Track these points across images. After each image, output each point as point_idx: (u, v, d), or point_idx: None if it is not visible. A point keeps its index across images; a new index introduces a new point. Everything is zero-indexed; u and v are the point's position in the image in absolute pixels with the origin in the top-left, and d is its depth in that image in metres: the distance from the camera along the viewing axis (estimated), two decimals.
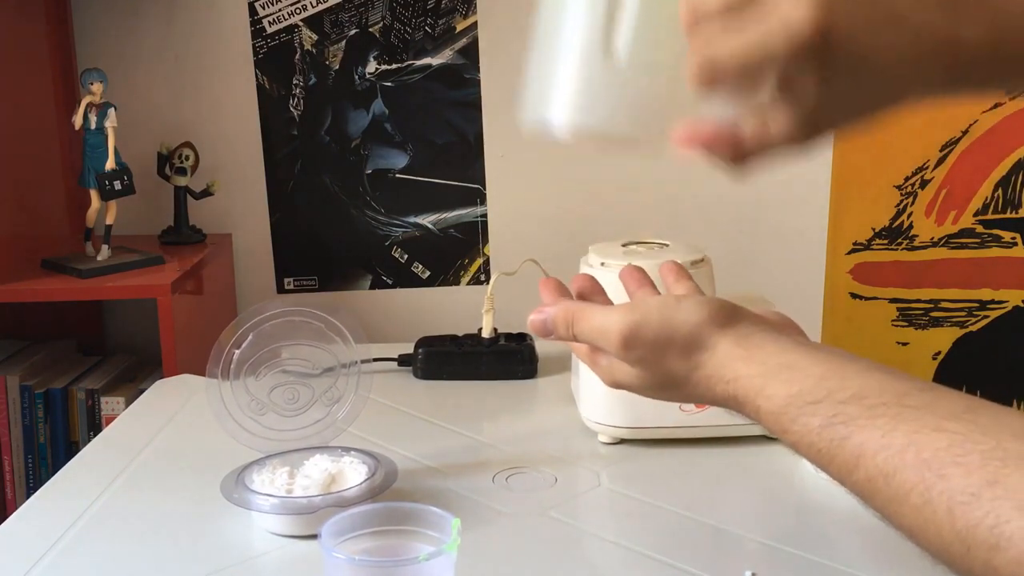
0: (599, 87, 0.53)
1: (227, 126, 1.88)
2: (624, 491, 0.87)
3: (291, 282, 1.95)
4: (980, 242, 1.94)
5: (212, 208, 1.86)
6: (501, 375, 1.14)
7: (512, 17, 1.86)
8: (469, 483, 0.88)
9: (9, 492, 1.63)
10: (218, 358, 0.81)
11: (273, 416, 0.83)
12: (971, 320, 1.98)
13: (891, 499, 0.46)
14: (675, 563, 0.74)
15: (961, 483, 0.43)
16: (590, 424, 0.96)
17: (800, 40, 0.45)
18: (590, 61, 0.53)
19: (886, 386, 0.49)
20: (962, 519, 0.42)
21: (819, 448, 0.50)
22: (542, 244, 1.75)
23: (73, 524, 0.81)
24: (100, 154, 1.55)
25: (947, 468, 0.44)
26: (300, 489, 0.78)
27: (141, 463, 0.94)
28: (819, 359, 0.53)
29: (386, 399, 1.08)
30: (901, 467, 0.45)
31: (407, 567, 0.61)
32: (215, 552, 0.76)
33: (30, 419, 1.62)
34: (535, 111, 0.56)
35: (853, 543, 0.77)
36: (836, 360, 0.53)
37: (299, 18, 1.85)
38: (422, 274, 1.95)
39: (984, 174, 1.92)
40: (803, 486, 0.88)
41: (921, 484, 0.44)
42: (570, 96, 0.54)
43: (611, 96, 0.53)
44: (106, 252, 1.59)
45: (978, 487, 0.42)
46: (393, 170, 1.91)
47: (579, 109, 0.54)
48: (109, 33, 1.84)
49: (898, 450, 0.46)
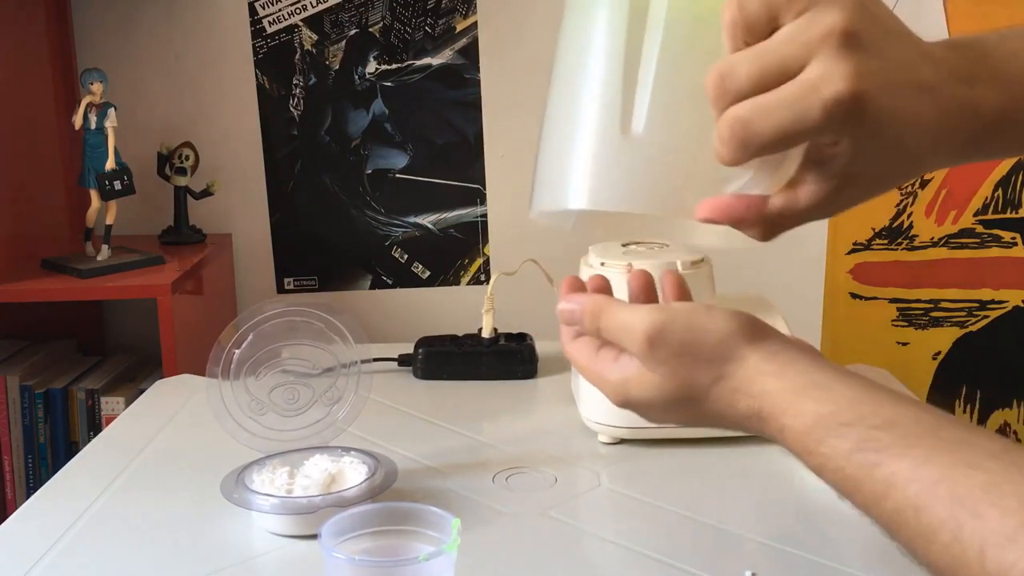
0: (618, 166, 0.51)
1: (227, 126, 1.88)
2: (624, 491, 0.87)
3: (291, 282, 1.95)
4: (980, 242, 1.94)
5: (212, 208, 1.86)
6: (501, 375, 1.14)
7: (512, 17, 1.86)
8: (469, 483, 0.88)
9: (9, 492, 1.63)
10: (218, 358, 0.81)
11: (273, 416, 0.83)
12: (971, 320, 1.98)
13: (919, 534, 0.45)
14: (675, 563, 0.74)
15: (997, 525, 0.41)
16: (590, 424, 0.96)
17: (837, 108, 0.44)
18: (607, 140, 0.51)
19: (921, 417, 0.48)
20: (994, 562, 0.41)
21: (847, 473, 0.49)
22: (542, 244, 1.74)
23: (73, 524, 0.81)
24: (100, 154, 1.55)
25: (982, 507, 0.42)
26: (300, 489, 0.78)
27: (141, 463, 0.94)
28: (851, 383, 0.51)
29: (386, 399, 1.08)
30: (933, 502, 0.44)
31: (407, 567, 0.61)
32: (215, 552, 0.76)
33: (30, 419, 1.62)
34: (549, 197, 0.54)
35: (853, 543, 0.77)
36: (868, 385, 0.51)
37: (299, 18, 1.85)
38: (422, 274, 1.95)
39: (984, 174, 1.92)
40: (803, 486, 0.88)
41: (952, 521, 0.43)
42: (587, 178, 0.52)
43: (631, 174, 0.51)
44: (106, 252, 1.59)
45: (1014, 531, 0.41)
46: (393, 170, 1.91)
47: (597, 190, 0.52)
48: (109, 33, 1.84)
49: (931, 483, 0.44)
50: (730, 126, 0.46)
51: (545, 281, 1.15)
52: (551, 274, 1.15)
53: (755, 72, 0.46)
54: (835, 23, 0.44)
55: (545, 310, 1.25)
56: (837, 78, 0.44)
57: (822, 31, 0.45)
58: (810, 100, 0.44)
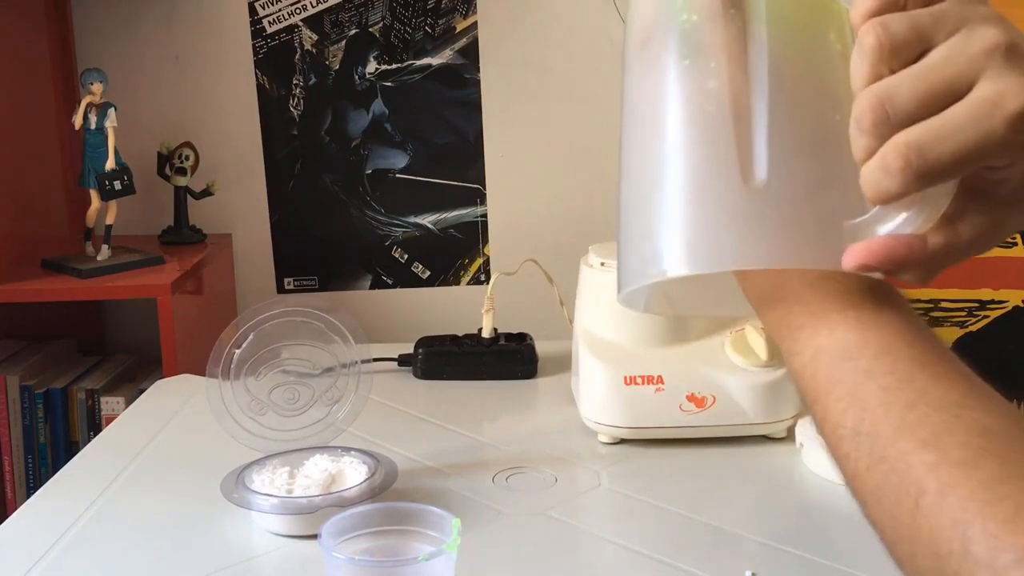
0: (744, 220, 0.45)
1: (227, 126, 1.88)
2: (624, 491, 0.87)
3: (291, 282, 1.95)
4: None
5: (212, 208, 1.86)
6: (501, 375, 1.14)
7: (512, 17, 1.86)
8: (469, 483, 0.88)
9: (9, 492, 1.63)
10: (218, 358, 0.81)
11: (273, 416, 0.83)
12: (971, 320, 1.98)
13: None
14: (675, 563, 0.74)
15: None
16: (590, 424, 0.96)
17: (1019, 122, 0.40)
18: (727, 195, 0.45)
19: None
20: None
21: None
22: (542, 244, 1.74)
23: (73, 524, 0.81)
24: (100, 154, 1.55)
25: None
26: (300, 489, 0.78)
27: (141, 463, 0.94)
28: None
29: (386, 399, 1.08)
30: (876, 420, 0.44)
31: (407, 567, 0.61)
32: (215, 552, 0.76)
33: (30, 419, 1.62)
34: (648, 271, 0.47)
35: (853, 543, 0.77)
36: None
37: (299, 18, 1.85)
38: (422, 274, 1.95)
39: None
40: (803, 486, 0.88)
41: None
42: (705, 241, 0.46)
43: (760, 228, 0.45)
44: (106, 252, 1.59)
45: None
46: (393, 170, 1.91)
47: (725, 250, 0.45)
48: (109, 33, 1.84)
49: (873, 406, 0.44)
50: (903, 154, 0.41)
51: (545, 281, 1.15)
52: (551, 274, 1.15)
53: (921, 94, 0.41)
54: (997, 38, 0.41)
55: (545, 310, 1.26)
56: (1017, 91, 0.41)
57: (984, 47, 0.41)
58: (993, 117, 0.41)
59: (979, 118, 0.41)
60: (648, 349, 0.95)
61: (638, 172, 0.49)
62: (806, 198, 0.45)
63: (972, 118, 0.41)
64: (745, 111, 0.46)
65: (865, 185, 0.42)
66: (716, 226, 0.46)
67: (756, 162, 0.45)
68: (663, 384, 0.92)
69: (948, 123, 0.41)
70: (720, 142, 0.45)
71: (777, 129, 0.45)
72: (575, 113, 1.89)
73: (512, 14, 1.86)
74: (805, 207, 0.45)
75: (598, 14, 1.83)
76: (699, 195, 0.46)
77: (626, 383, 0.93)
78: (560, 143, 1.91)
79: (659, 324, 0.96)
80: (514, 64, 1.88)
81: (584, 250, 1.02)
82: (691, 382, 0.93)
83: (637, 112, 0.49)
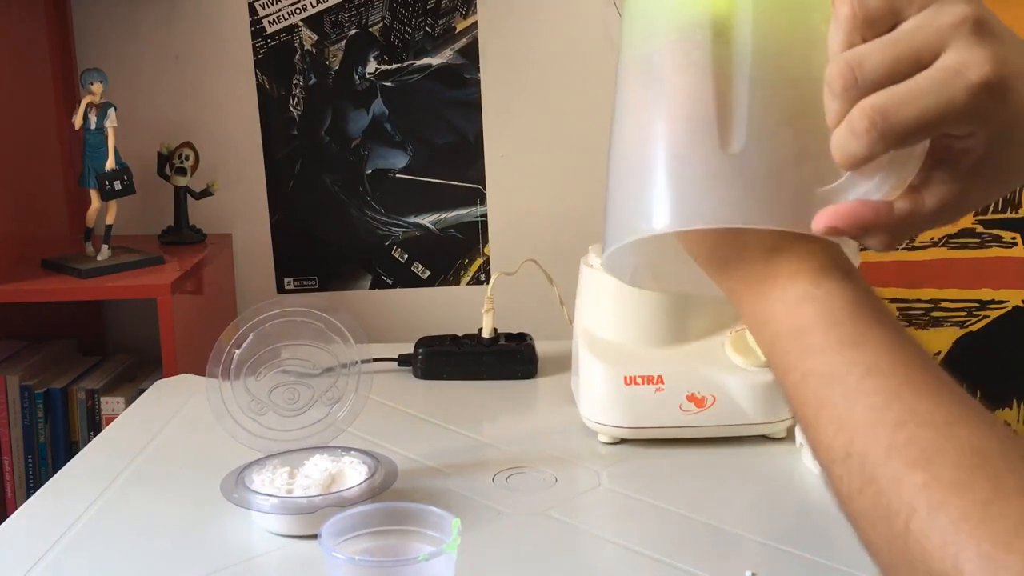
0: (723, 183, 0.47)
1: (227, 126, 1.88)
2: (624, 491, 0.87)
3: (291, 282, 1.95)
4: (980, 242, 1.94)
5: (212, 208, 1.86)
6: (501, 375, 1.14)
7: (512, 17, 1.86)
8: (469, 483, 0.88)
9: (9, 492, 1.63)
10: (218, 358, 0.81)
11: (273, 416, 0.83)
12: (971, 320, 1.98)
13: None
14: (675, 563, 0.74)
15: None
16: (590, 424, 0.96)
17: (983, 92, 0.42)
18: (708, 158, 0.47)
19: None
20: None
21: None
22: (542, 244, 1.74)
23: (73, 524, 0.81)
24: (100, 154, 1.55)
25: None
26: (300, 489, 0.78)
27: (141, 463, 0.94)
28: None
29: (386, 399, 1.08)
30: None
31: (407, 567, 0.61)
32: (215, 552, 0.76)
33: (30, 419, 1.62)
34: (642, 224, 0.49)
35: (853, 543, 0.77)
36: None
37: (299, 18, 1.85)
38: (422, 274, 1.95)
39: None
40: (803, 486, 0.88)
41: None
42: (684, 201, 0.48)
43: (734, 190, 0.47)
44: (106, 252, 1.59)
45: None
46: (393, 170, 1.91)
47: (706, 209, 0.48)
48: (109, 33, 1.84)
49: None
50: (868, 116, 0.43)
51: (545, 281, 1.15)
52: (551, 274, 1.15)
53: (889, 61, 0.44)
54: (965, 12, 0.43)
55: (545, 310, 1.26)
56: (980, 62, 0.42)
57: (953, 19, 0.43)
58: (955, 85, 0.43)
59: (942, 85, 0.43)
60: (648, 349, 0.95)
61: (625, 138, 0.52)
62: (783, 166, 0.48)
63: (935, 85, 0.43)
64: (727, 82, 0.48)
65: (834, 149, 0.45)
66: (695, 187, 0.48)
67: (735, 130, 0.48)
68: (663, 384, 0.92)
69: (913, 89, 0.43)
70: (702, 110, 0.48)
71: (757, 100, 0.48)
72: (575, 113, 1.89)
73: (512, 14, 1.86)
74: (782, 174, 0.48)
75: (598, 14, 1.83)
76: (680, 159, 0.49)
77: (626, 383, 0.93)
78: (560, 143, 1.91)
79: (659, 324, 0.96)
80: (514, 64, 1.88)
81: (584, 250, 1.02)
82: (691, 382, 0.93)
83: (627, 81, 0.52)
